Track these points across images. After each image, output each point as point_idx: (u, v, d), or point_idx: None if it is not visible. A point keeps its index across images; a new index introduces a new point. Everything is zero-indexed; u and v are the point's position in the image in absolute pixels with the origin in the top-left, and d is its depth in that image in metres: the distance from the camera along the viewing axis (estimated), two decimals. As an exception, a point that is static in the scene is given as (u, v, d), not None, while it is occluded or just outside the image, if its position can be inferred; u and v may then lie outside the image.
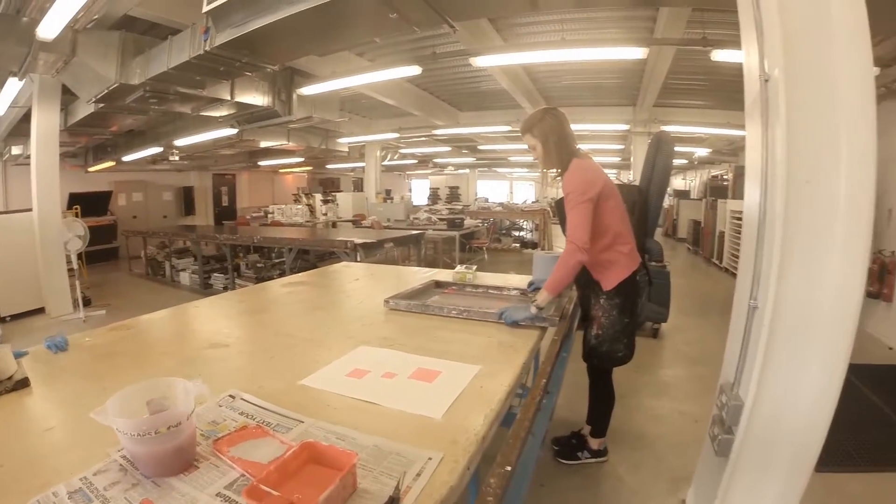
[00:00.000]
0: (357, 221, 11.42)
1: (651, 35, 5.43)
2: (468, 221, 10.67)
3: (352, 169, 18.89)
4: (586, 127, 9.51)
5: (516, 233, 13.92)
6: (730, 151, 12.17)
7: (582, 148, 2.36)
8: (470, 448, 1.04)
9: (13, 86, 5.46)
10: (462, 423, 1.15)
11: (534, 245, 12.00)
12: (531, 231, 13.29)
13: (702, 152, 13.01)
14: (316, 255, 7.76)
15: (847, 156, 1.59)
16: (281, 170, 18.15)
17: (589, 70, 7.29)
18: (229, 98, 5.64)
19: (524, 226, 13.88)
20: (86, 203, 10.08)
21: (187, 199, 15.00)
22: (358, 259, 5.78)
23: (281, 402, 1.24)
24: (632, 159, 10.87)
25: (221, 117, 6.93)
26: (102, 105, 5.39)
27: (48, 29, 3.70)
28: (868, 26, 1.55)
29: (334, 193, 14.37)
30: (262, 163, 14.59)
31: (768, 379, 1.73)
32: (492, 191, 25.64)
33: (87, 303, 6.65)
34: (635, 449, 2.85)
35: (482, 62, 5.39)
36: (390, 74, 5.64)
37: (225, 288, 7.45)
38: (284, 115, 6.58)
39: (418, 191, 25.10)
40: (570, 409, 3.17)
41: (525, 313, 1.97)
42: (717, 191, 10.89)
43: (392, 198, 14.68)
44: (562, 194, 2.23)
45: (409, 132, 10.77)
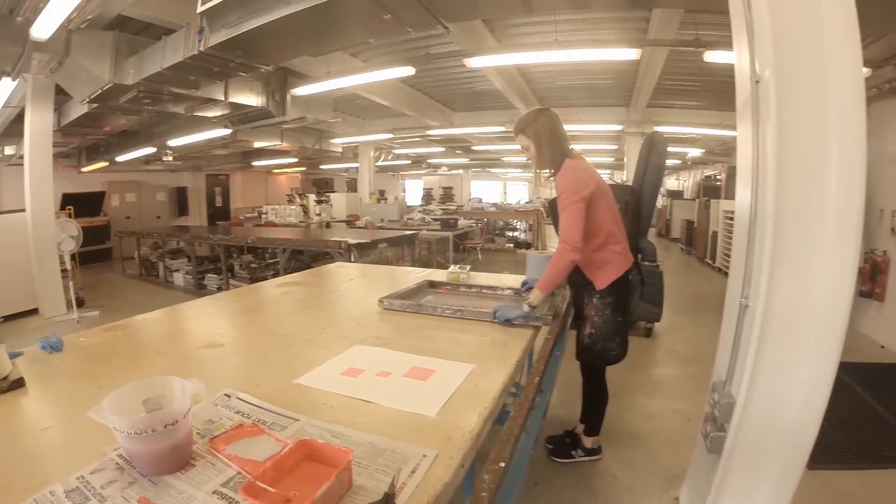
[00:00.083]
0: (351, 222, 11.39)
1: (644, 36, 5.46)
2: (462, 222, 10.64)
3: (345, 169, 18.90)
4: (580, 127, 9.54)
5: (510, 233, 13.93)
6: (722, 152, 12.22)
7: (575, 148, 2.37)
8: (464, 445, 1.06)
9: (6, 86, 5.42)
10: (456, 421, 1.16)
11: (527, 245, 11.99)
12: (525, 231, 13.31)
13: (695, 153, 13.06)
14: (310, 256, 7.76)
15: (837, 156, 1.61)
16: (275, 170, 18.11)
17: (582, 71, 7.31)
18: (223, 98, 5.62)
19: (518, 226, 13.90)
20: (79, 203, 10.01)
21: (181, 200, 14.96)
22: (352, 259, 5.78)
23: (276, 401, 1.24)
24: (625, 160, 10.90)
25: (215, 118, 6.91)
26: (96, 105, 5.36)
27: (42, 29, 3.69)
28: (858, 28, 1.57)
29: (328, 194, 14.35)
30: (256, 163, 14.56)
31: (760, 376, 1.75)
32: (485, 191, 25.67)
33: (81, 303, 6.61)
34: (629, 447, 2.87)
35: (476, 63, 5.40)
36: (384, 75, 5.65)
37: (219, 288, 7.43)
38: (278, 116, 6.56)
39: (412, 191, 25.12)
40: (564, 408, 3.19)
41: (517, 311, 1.99)
42: (710, 191, 10.92)
43: (386, 198, 14.71)
44: (555, 194, 2.25)
45: (403, 133, 10.77)
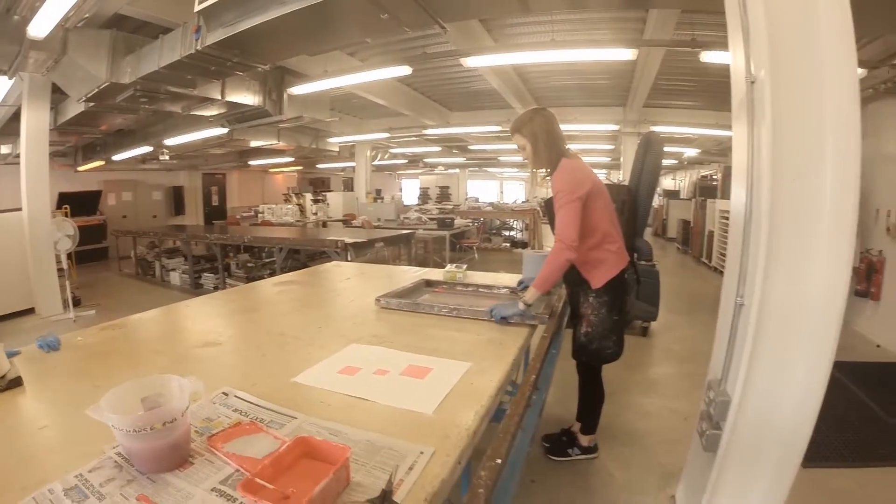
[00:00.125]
0: (347, 221, 11.36)
1: (641, 36, 5.46)
2: (458, 221, 10.65)
3: (342, 168, 18.85)
4: (576, 127, 9.53)
5: (506, 232, 13.94)
6: (719, 152, 12.24)
7: (571, 148, 2.38)
8: (461, 443, 1.06)
9: (3, 84, 5.41)
10: (453, 419, 1.17)
11: (524, 244, 11.99)
12: (521, 231, 13.32)
13: (691, 153, 13.09)
14: (306, 255, 7.75)
15: (832, 156, 1.61)
16: (271, 169, 18.07)
17: (579, 71, 7.31)
18: (220, 97, 5.62)
19: (514, 225, 13.91)
20: (75, 202, 9.97)
21: (177, 199, 14.91)
22: (349, 258, 5.78)
23: (274, 399, 1.25)
24: (621, 159, 10.92)
25: (212, 117, 6.89)
26: (92, 104, 5.35)
27: (39, 27, 3.68)
28: (853, 29, 1.58)
29: (325, 193, 14.29)
30: (253, 162, 14.54)
31: (755, 375, 1.76)
32: (482, 190, 25.65)
33: (77, 303, 6.58)
34: (625, 445, 2.88)
35: (473, 62, 5.40)
36: (381, 74, 5.64)
37: (215, 288, 7.41)
38: (275, 115, 6.55)
39: (409, 190, 25.06)
40: (561, 407, 3.20)
41: (513, 309, 2.00)
42: (707, 191, 10.96)
43: (382, 197, 14.66)
44: (551, 194, 2.25)
45: (400, 132, 10.75)
